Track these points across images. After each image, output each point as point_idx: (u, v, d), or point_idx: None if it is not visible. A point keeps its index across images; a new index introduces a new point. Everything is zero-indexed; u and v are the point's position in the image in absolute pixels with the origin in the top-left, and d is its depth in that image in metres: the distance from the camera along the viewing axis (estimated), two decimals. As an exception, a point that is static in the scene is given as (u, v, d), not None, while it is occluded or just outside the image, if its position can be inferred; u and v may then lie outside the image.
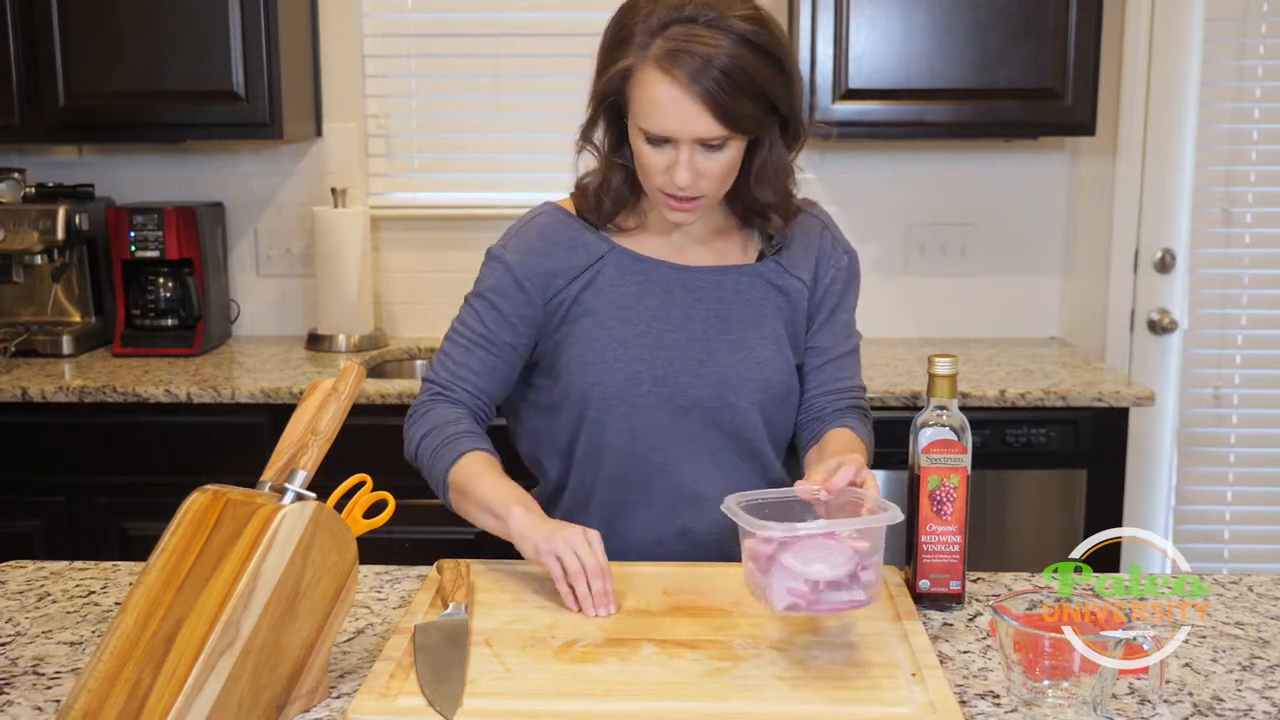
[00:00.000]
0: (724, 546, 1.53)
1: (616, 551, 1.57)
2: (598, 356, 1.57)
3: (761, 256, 1.65)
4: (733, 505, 1.27)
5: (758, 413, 1.61)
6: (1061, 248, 3.16)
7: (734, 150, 1.48)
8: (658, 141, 1.46)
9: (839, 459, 1.36)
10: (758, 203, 1.58)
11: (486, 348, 1.60)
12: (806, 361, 1.68)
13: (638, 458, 1.59)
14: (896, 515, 1.23)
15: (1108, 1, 2.77)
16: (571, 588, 1.36)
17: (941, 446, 1.37)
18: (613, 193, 1.57)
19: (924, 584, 1.39)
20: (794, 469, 1.71)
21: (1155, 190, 3.12)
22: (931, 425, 1.38)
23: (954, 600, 1.40)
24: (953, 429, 1.37)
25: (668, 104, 1.42)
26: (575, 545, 1.37)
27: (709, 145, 1.45)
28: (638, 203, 1.60)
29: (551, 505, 1.65)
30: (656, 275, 1.60)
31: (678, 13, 1.42)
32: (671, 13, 1.42)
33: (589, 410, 1.57)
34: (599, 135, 1.56)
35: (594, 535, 1.39)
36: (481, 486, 1.50)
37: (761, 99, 1.44)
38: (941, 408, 1.38)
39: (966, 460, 1.37)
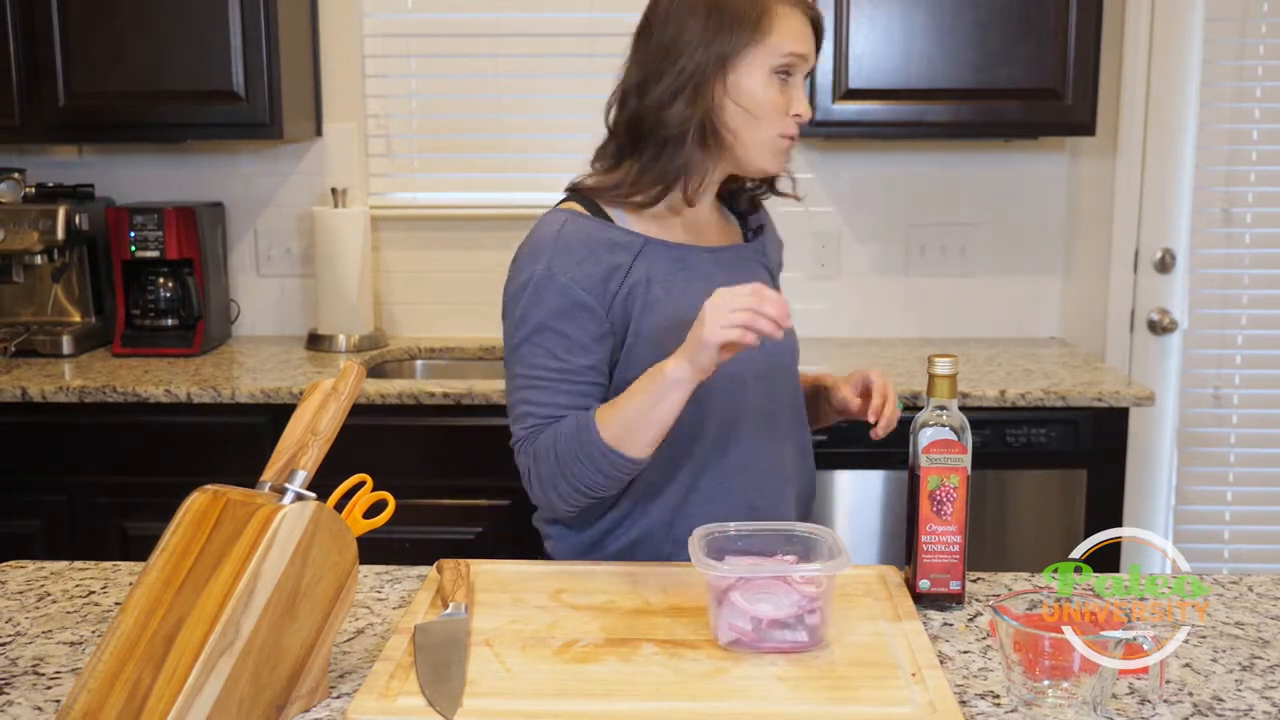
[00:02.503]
0: (786, 520, 1.57)
1: (684, 539, 1.55)
2: (672, 348, 1.52)
3: (748, 237, 1.73)
4: (696, 540, 1.31)
5: (794, 375, 1.71)
6: (1061, 248, 3.16)
7: None
8: (789, 73, 1.54)
9: (862, 374, 1.61)
10: (767, 171, 1.62)
11: (569, 381, 1.52)
12: None
13: (710, 438, 1.58)
14: (845, 564, 1.27)
15: (1108, 1, 2.77)
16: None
17: (941, 446, 1.37)
18: (684, 167, 1.55)
19: (924, 584, 1.39)
20: None
21: (1155, 190, 3.12)
22: (931, 425, 1.38)
23: (954, 600, 1.40)
24: (953, 429, 1.37)
25: (804, 26, 1.55)
26: (736, 331, 1.36)
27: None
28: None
29: (623, 495, 1.60)
30: (692, 259, 1.61)
31: None
32: None
33: None
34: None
35: (721, 303, 1.37)
36: (628, 411, 1.44)
37: None
38: (941, 408, 1.38)
39: (966, 460, 1.37)
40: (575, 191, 1.63)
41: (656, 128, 1.54)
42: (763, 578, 1.27)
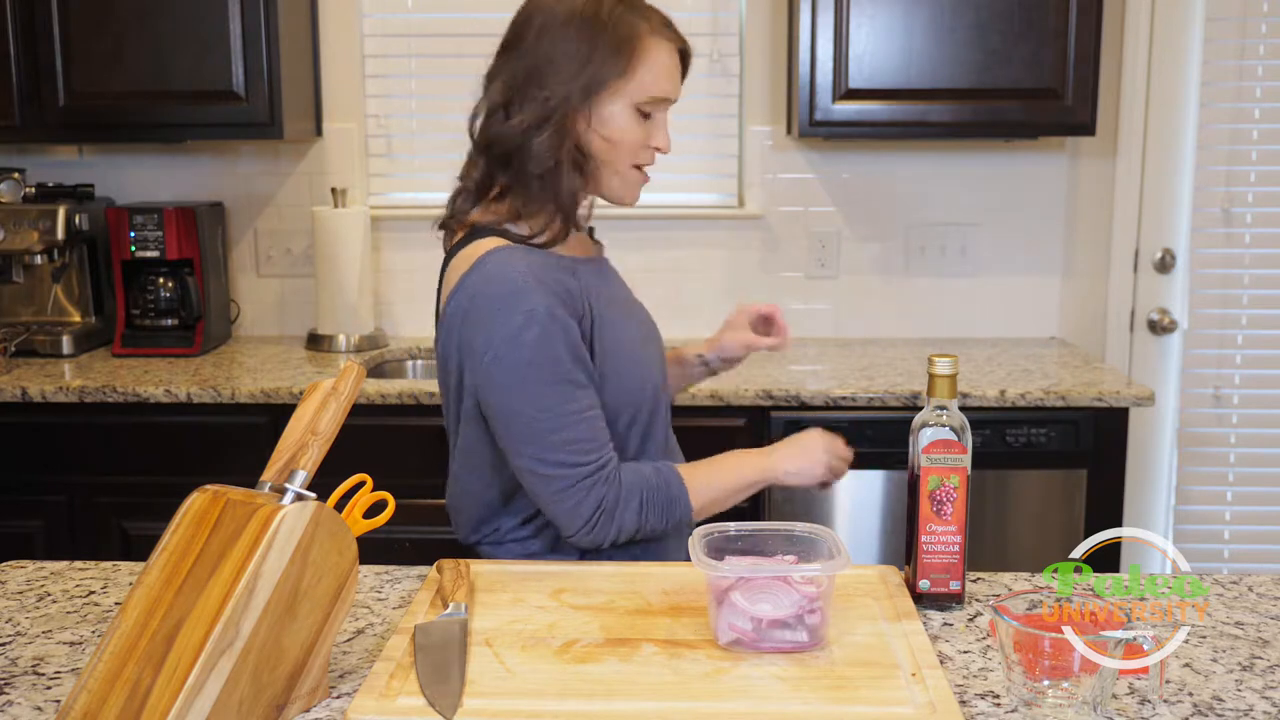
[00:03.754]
0: None
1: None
2: (630, 363, 1.59)
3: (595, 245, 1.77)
4: (696, 540, 1.31)
5: None
6: (1061, 248, 3.16)
7: None
8: (649, 113, 1.55)
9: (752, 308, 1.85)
10: (623, 201, 1.64)
11: (596, 407, 1.53)
12: None
13: (659, 444, 1.66)
14: (845, 564, 1.27)
15: (1108, 1, 2.77)
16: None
17: (941, 446, 1.37)
18: (573, 196, 1.56)
19: (924, 584, 1.39)
20: None
21: (1155, 190, 3.12)
22: (931, 425, 1.38)
23: (954, 600, 1.40)
24: (953, 429, 1.37)
25: (673, 65, 1.57)
26: (834, 463, 1.66)
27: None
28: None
29: None
30: (602, 271, 1.66)
31: None
32: None
33: (641, 414, 1.60)
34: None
35: (819, 437, 1.66)
36: (717, 491, 1.60)
37: None
38: (941, 408, 1.38)
39: (966, 460, 1.37)
40: (478, 229, 1.57)
41: (525, 159, 1.53)
42: (763, 578, 1.27)
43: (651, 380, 1.62)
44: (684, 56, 1.59)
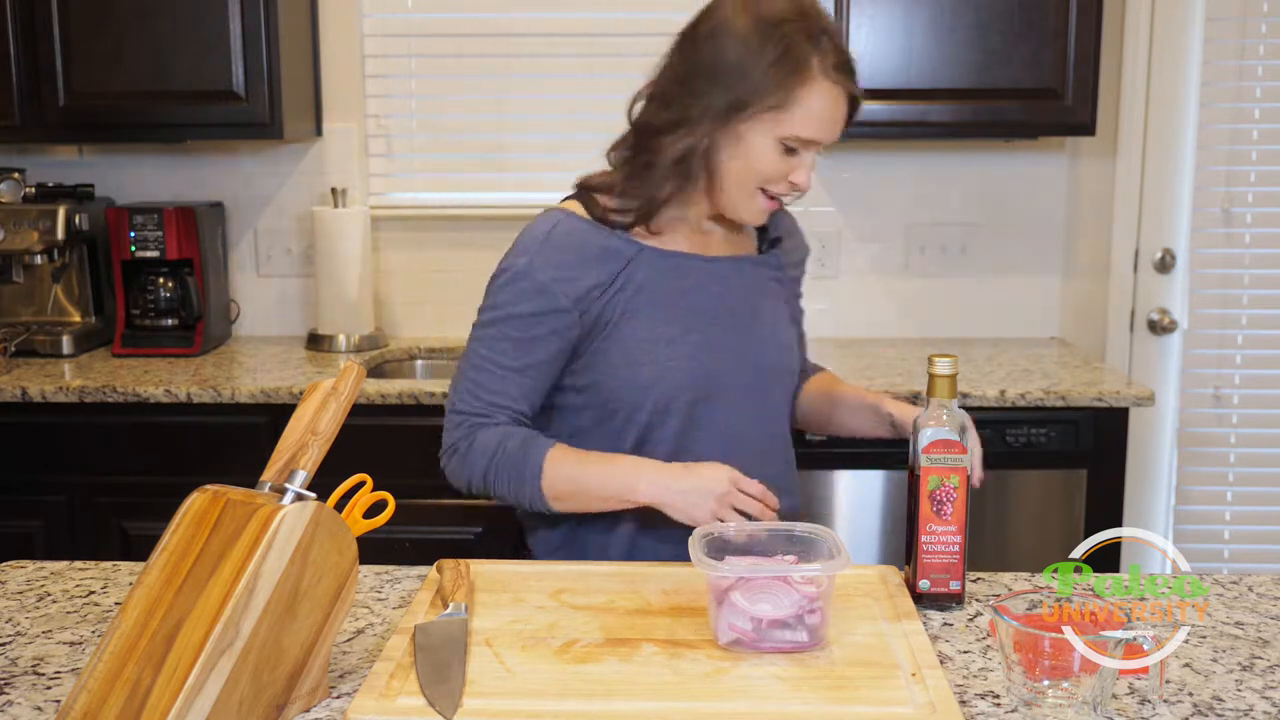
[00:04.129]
0: None
1: (652, 554, 1.57)
2: (648, 358, 1.55)
3: (762, 249, 1.71)
4: (696, 540, 1.31)
5: (787, 396, 1.72)
6: (1061, 248, 3.16)
7: None
8: (796, 149, 1.51)
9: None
10: (742, 220, 1.62)
11: (523, 373, 1.55)
12: None
13: (685, 456, 1.57)
14: (845, 564, 1.26)
15: (1108, 1, 2.77)
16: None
17: (941, 446, 1.37)
18: (665, 199, 1.55)
19: (924, 584, 1.39)
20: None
21: (1155, 190, 3.12)
22: (932, 425, 1.38)
23: (954, 600, 1.40)
24: (953, 429, 1.37)
25: (833, 110, 1.51)
26: (722, 512, 1.45)
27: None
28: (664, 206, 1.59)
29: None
30: (689, 268, 1.60)
31: (818, 21, 1.49)
32: (815, 21, 1.49)
33: (640, 414, 1.57)
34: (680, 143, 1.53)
35: (721, 480, 1.46)
36: (577, 489, 1.53)
37: None
38: (942, 408, 1.38)
39: (966, 460, 1.37)
40: (581, 188, 1.63)
41: (648, 148, 1.54)
42: (763, 578, 1.27)
43: (665, 387, 1.56)
44: (853, 103, 1.53)
